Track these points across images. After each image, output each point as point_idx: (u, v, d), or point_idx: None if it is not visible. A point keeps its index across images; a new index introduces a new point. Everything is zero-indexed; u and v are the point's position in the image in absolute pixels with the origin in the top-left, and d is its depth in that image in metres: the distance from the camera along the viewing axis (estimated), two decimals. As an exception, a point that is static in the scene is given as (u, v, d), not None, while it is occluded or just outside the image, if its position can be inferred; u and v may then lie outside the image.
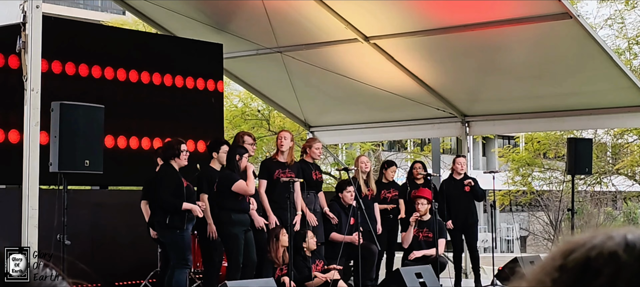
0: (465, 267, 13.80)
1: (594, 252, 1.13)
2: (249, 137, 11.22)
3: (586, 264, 1.12)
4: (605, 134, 24.09)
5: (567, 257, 1.14)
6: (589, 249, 1.13)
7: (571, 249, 1.15)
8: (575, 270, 1.12)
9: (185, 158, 9.97)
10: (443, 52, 12.92)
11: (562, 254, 1.15)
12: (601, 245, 1.13)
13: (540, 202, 29.85)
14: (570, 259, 1.13)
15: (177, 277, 9.78)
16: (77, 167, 8.70)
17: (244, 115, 22.68)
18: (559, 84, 12.99)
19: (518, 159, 25.26)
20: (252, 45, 13.25)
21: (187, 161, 10.02)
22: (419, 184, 12.89)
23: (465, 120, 14.71)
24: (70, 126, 8.64)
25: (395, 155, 29.78)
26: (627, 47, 21.36)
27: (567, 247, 1.16)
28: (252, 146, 11.07)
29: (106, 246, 11.62)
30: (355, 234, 11.09)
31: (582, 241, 1.15)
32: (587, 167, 13.21)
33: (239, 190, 10.12)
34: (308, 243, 10.87)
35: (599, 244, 1.13)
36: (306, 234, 10.90)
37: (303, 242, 10.81)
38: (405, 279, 10.91)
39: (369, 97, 14.19)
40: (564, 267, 1.13)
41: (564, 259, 1.14)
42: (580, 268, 1.12)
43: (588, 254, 1.13)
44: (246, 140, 10.99)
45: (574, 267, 1.12)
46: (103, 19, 28.87)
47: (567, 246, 1.16)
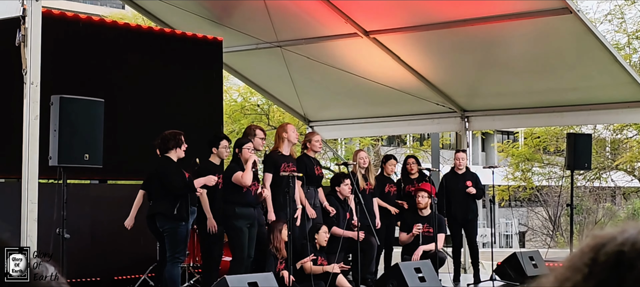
0: (464, 262, 13.80)
1: (626, 246, 1.12)
2: (261, 131, 11.19)
3: (619, 258, 1.11)
4: (604, 129, 24.09)
5: (599, 252, 1.13)
6: (620, 243, 1.13)
7: (602, 243, 1.14)
8: (608, 264, 1.11)
9: (183, 150, 9.96)
10: (443, 47, 12.91)
11: (592, 248, 1.15)
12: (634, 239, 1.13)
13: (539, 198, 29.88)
14: (602, 253, 1.13)
15: (171, 271, 9.78)
16: (76, 160, 8.69)
17: (244, 109, 22.68)
18: (559, 79, 12.99)
19: (517, 154, 25.27)
20: (251, 39, 13.25)
21: (184, 153, 10.01)
22: (413, 178, 12.89)
23: (464, 115, 14.71)
24: (69, 120, 8.63)
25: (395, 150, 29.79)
26: (626, 42, 21.36)
27: (597, 242, 1.15)
28: (262, 140, 11.05)
29: (105, 240, 11.62)
30: (356, 231, 11.11)
31: (612, 235, 1.15)
32: (586, 163, 13.22)
33: (236, 181, 10.12)
34: (320, 237, 10.92)
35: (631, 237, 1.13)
36: (320, 227, 10.96)
37: (315, 234, 10.87)
38: (405, 273, 10.91)
39: (368, 92, 14.19)
40: (595, 261, 1.12)
41: (595, 253, 1.13)
42: (613, 262, 1.11)
43: (621, 248, 1.12)
44: (257, 134, 10.96)
45: (606, 261, 1.12)
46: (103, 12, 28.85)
47: (597, 240, 1.15)
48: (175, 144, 9.89)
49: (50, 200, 8.79)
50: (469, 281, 12.76)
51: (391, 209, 12.55)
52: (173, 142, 9.91)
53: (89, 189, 12.23)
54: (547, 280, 1.18)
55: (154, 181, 10.02)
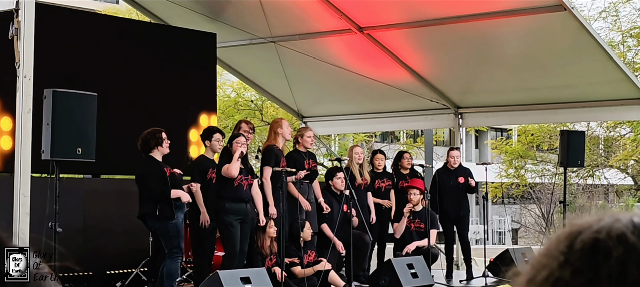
0: (456, 259, 13.81)
1: (602, 234, 1.12)
2: (246, 124, 11.25)
3: (595, 246, 1.11)
4: (598, 126, 24.12)
5: (574, 239, 1.13)
6: (596, 231, 1.13)
7: (577, 231, 1.14)
8: (584, 252, 1.11)
9: (166, 146, 9.93)
10: (437, 43, 12.91)
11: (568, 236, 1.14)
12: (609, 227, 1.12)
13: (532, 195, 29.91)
14: (578, 241, 1.13)
15: (170, 266, 9.78)
16: (69, 155, 8.68)
17: (237, 105, 22.67)
18: (553, 76, 13.00)
19: (511, 151, 25.29)
20: (245, 34, 13.23)
21: (169, 149, 9.98)
22: (404, 173, 12.89)
23: (458, 112, 14.72)
24: (62, 114, 8.62)
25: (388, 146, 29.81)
26: (621, 40, 21.38)
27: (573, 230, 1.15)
28: (248, 133, 11.05)
29: (98, 235, 11.61)
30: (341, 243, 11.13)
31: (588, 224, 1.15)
32: (579, 160, 13.23)
33: (224, 174, 10.11)
34: (305, 233, 10.90)
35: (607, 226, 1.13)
36: (304, 223, 10.93)
37: (301, 232, 10.85)
38: (397, 269, 10.93)
39: (362, 88, 14.18)
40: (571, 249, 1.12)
41: (571, 241, 1.13)
42: (589, 250, 1.11)
43: (596, 236, 1.12)
44: (242, 127, 11.01)
45: (582, 249, 1.12)
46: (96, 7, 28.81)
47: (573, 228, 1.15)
48: (156, 142, 9.86)
49: (42, 194, 8.77)
50: (461, 277, 12.77)
51: (384, 203, 12.53)
52: (154, 141, 9.87)
53: (81, 183, 12.22)
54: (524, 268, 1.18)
55: (138, 181, 10.04)
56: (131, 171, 11.20)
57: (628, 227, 1.12)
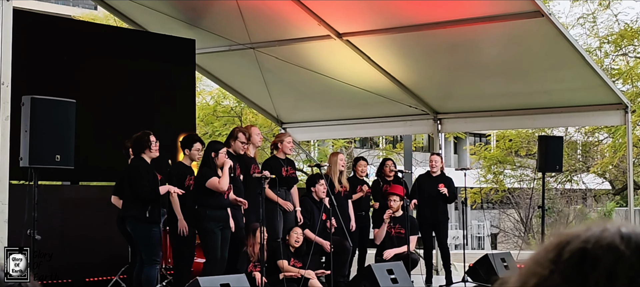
0: (436, 264, 13.84)
1: (590, 243, 1.12)
2: (243, 134, 11.20)
3: (583, 256, 1.12)
4: (576, 132, 24.24)
5: (563, 249, 1.14)
6: (584, 241, 1.13)
7: (566, 241, 1.15)
8: (572, 261, 1.12)
9: (155, 149, 9.92)
10: (416, 49, 12.94)
11: (556, 246, 1.15)
12: (598, 237, 1.13)
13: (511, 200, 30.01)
14: (566, 250, 1.13)
15: (147, 273, 9.74)
16: (48, 162, 8.64)
17: (216, 112, 22.64)
18: (531, 82, 13.05)
19: (489, 156, 25.36)
20: (224, 41, 13.22)
21: (158, 152, 9.97)
22: (389, 180, 12.92)
23: (437, 118, 14.76)
24: (41, 121, 8.58)
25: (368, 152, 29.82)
26: (598, 46, 21.49)
27: (561, 240, 1.15)
28: (243, 144, 11.05)
29: (77, 242, 11.55)
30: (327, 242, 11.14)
31: (576, 233, 1.15)
32: (557, 165, 13.29)
33: (211, 187, 10.10)
34: (291, 238, 10.93)
35: (595, 235, 1.13)
36: (292, 228, 10.99)
37: (287, 236, 10.90)
38: (377, 275, 10.93)
39: (341, 94, 14.19)
40: (560, 258, 1.13)
41: (559, 250, 1.14)
42: (577, 259, 1.12)
43: (584, 246, 1.13)
44: (239, 138, 11.02)
45: (570, 258, 1.12)
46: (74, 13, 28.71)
47: (561, 238, 1.16)
48: (146, 144, 9.84)
49: (21, 201, 8.72)
50: (441, 282, 12.79)
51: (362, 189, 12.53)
52: (144, 143, 9.85)
53: (60, 191, 12.16)
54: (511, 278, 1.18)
55: (125, 183, 9.97)
56: (110, 178, 11.16)
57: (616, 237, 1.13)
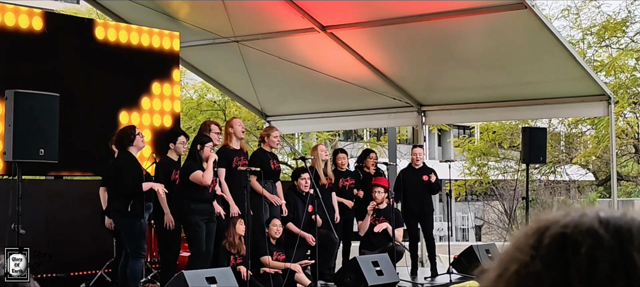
0: (421, 256, 13.87)
1: (569, 228, 1.13)
2: (216, 126, 11.17)
3: (563, 241, 1.12)
4: (559, 123, 24.31)
5: (543, 234, 1.14)
6: (563, 226, 1.14)
7: (545, 227, 1.15)
8: (552, 247, 1.12)
9: (142, 141, 9.90)
10: (399, 42, 12.96)
11: (536, 231, 1.15)
12: (577, 221, 1.14)
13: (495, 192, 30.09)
14: (546, 235, 1.14)
15: (132, 266, 9.72)
16: (32, 156, 8.62)
17: (200, 106, 22.60)
18: (514, 74, 13.09)
19: (473, 149, 25.41)
20: (208, 34, 13.20)
21: (144, 143, 9.95)
22: (371, 173, 12.91)
23: (421, 110, 14.78)
24: (24, 115, 8.55)
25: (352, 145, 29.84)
26: (581, 37, 21.56)
27: (540, 225, 1.16)
28: (218, 135, 11.01)
29: (62, 236, 11.51)
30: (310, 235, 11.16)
31: (555, 219, 1.16)
32: (541, 156, 13.33)
33: (195, 180, 10.08)
34: (271, 230, 10.91)
35: (574, 220, 1.14)
36: (270, 221, 10.97)
37: (266, 229, 10.88)
38: (362, 267, 10.95)
39: (325, 87, 14.20)
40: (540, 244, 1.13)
41: (539, 236, 1.14)
42: (557, 245, 1.12)
43: (564, 231, 1.13)
44: (213, 130, 10.93)
45: (551, 243, 1.13)
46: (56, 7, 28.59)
47: (541, 223, 1.16)
48: (132, 138, 9.81)
49: (5, 196, 8.70)
50: (426, 274, 12.82)
51: (347, 203, 12.54)
52: (130, 137, 9.82)
53: (44, 185, 12.11)
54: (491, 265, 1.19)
55: (111, 177, 9.95)
56: (94, 172, 11.13)
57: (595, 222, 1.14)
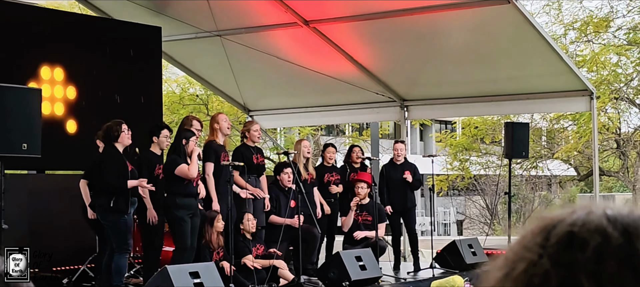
0: (404, 251, 13.90)
1: (577, 227, 1.13)
2: (197, 122, 11.14)
3: (570, 239, 1.12)
4: (541, 119, 24.40)
5: (549, 233, 1.14)
6: (571, 224, 1.13)
7: (552, 225, 1.15)
8: (560, 245, 1.12)
9: (127, 137, 9.86)
10: (382, 36, 12.96)
11: (542, 229, 1.15)
12: (584, 219, 1.13)
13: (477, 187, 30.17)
14: (553, 234, 1.13)
15: (118, 261, 9.69)
16: (14, 150, 8.58)
17: (182, 100, 22.55)
18: (497, 69, 13.12)
19: (455, 144, 25.47)
20: (191, 28, 13.16)
21: (130, 139, 9.91)
22: (356, 167, 12.93)
23: (403, 105, 14.80)
24: (6, 109, 8.51)
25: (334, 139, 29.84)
26: (563, 33, 21.64)
27: (547, 223, 1.16)
28: (199, 131, 11.00)
29: (44, 231, 11.47)
30: (296, 217, 11.14)
31: (562, 217, 1.15)
32: (524, 151, 13.37)
33: (181, 174, 10.07)
34: (245, 225, 10.86)
35: (582, 218, 1.14)
36: (243, 215, 10.90)
37: (240, 225, 10.82)
38: (346, 262, 10.94)
39: (308, 82, 14.19)
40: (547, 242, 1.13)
41: (546, 234, 1.14)
42: (565, 243, 1.12)
43: (571, 229, 1.13)
44: (194, 125, 10.91)
45: (558, 242, 1.12)
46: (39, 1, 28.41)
47: (547, 221, 1.16)
48: (117, 134, 9.76)
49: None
50: (409, 269, 12.84)
51: (326, 210, 12.46)
52: (111, 134, 9.77)
53: (26, 180, 12.06)
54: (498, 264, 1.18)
55: (95, 172, 9.91)
56: (77, 167, 11.08)
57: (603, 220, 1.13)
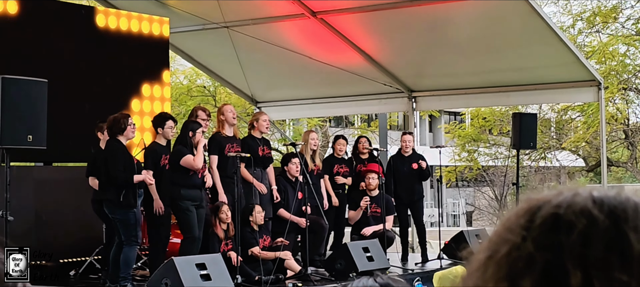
0: (412, 242, 13.87)
1: (562, 209, 1.10)
2: (203, 112, 11.13)
3: (556, 221, 1.09)
4: (549, 109, 24.34)
5: (534, 215, 1.11)
6: (556, 206, 1.11)
7: (537, 207, 1.12)
8: (544, 227, 1.10)
9: (132, 131, 9.84)
10: (390, 27, 12.93)
11: (527, 211, 1.13)
12: (570, 201, 1.11)
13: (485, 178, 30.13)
14: (538, 216, 1.11)
15: (127, 253, 9.67)
16: (20, 142, 8.57)
17: (190, 92, 22.55)
18: (505, 60, 13.08)
19: (464, 135, 25.43)
20: (198, 20, 13.15)
21: (134, 134, 9.90)
22: (364, 158, 12.90)
23: (412, 96, 14.76)
24: (12, 101, 8.50)
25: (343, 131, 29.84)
26: (571, 23, 21.57)
27: (531, 205, 1.13)
28: (205, 121, 10.98)
29: (50, 223, 11.48)
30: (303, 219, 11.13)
31: (547, 198, 1.13)
32: (531, 142, 13.33)
33: (186, 165, 10.05)
34: (255, 217, 10.84)
35: (567, 200, 1.11)
36: (253, 207, 10.87)
37: (250, 216, 10.78)
38: (353, 253, 10.93)
39: (316, 73, 14.17)
40: (532, 224, 1.11)
41: (531, 216, 1.12)
42: (550, 225, 1.10)
43: (557, 211, 1.10)
44: (200, 115, 10.90)
45: (543, 223, 1.10)
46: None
47: (532, 203, 1.14)
48: (123, 127, 9.73)
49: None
50: (417, 260, 12.82)
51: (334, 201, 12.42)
52: (117, 127, 9.73)
53: (32, 172, 12.06)
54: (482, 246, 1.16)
55: (101, 165, 9.88)
56: (83, 159, 11.08)
57: (588, 202, 1.11)
